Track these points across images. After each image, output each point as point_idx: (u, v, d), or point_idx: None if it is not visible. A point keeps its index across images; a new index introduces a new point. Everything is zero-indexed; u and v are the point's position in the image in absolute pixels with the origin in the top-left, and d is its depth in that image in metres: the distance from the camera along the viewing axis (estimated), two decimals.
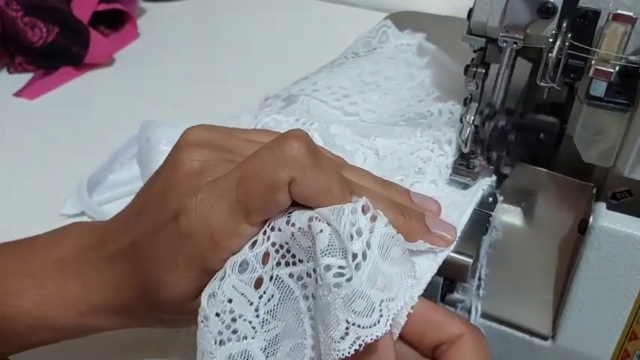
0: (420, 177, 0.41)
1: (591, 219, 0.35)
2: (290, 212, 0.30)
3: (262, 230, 0.30)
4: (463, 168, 0.40)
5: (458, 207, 0.38)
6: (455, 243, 0.34)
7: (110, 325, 0.35)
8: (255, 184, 0.28)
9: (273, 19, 0.94)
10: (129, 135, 0.59)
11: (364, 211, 0.28)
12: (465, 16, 0.39)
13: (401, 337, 0.30)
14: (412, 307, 0.29)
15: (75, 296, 0.34)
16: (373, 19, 0.63)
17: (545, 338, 0.38)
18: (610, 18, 0.33)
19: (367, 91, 0.52)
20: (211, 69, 0.81)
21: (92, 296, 0.34)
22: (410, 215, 0.32)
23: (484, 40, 0.39)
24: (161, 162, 0.34)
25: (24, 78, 0.77)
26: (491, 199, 0.40)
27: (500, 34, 0.37)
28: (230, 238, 0.29)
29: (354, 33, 0.63)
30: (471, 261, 0.35)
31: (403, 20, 0.60)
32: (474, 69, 0.40)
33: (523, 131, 0.43)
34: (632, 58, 0.34)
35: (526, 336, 0.38)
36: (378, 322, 0.26)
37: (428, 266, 0.33)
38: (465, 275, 0.35)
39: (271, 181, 0.28)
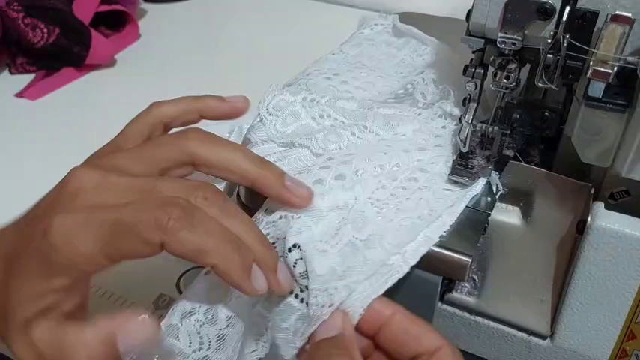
0: (441, 141, 0.43)
1: (589, 219, 0.35)
2: None
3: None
4: (462, 168, 0.40)
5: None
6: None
7: None
8: (127, 234, 0.29)
9: (274, 20, 0.95)
10: None
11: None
12: (463, 17, 0.40)
13: (380, 347, 0.32)
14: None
15: None
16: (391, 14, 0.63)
17: (543, 337, 0.38)
18: (608, 19, 0.33)
19: (354, 69, 0.53)
20: (212, 70, 0.81)
21: None
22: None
23: (483, 41, 0.39)
24: None
25: (26, 79, 0.78)
26: (489, 198, 0.40)
27: (499, 35, 0.37)
28: (87, 265, 0.30)
29: None
30: (470, 260, 0.35)
31: (403, 21, 0.60)
32: (473, 69, 0.40)
33: (528, 108, 0.42)
34: (630, 59, 0.34)
35: (524, 335, 0.38)
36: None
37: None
38: (463, 274, 0.36)
39: (144, 238, 0.29)
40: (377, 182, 0.38)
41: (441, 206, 0.37)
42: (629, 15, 0.33)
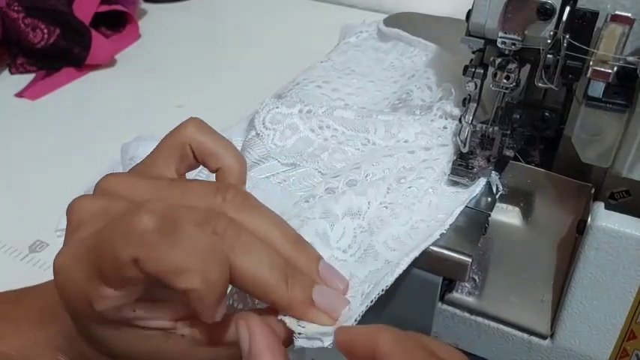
0: (444, 140, 0.43)
1: (589, 219, 0.35)
2: None
3: None
4: (462, 168, 0.40)
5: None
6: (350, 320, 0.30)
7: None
8: (104, 255, 0.25)
9: (274, 20, 0.95)
10: (131, 135, 0.59)
11: None
12: (463, 17, 0.40)
13: None
14: None
15: (57, 342, 0.32)
16: (373, 21, 0.63)
17: (543, 337, 0.38)
18: (608, 19, 0.33)
19: (344, 76, 0.53)
20: (212, 70, 0.81)
21: (73, 343, 0.32)
22: (295, 281, 0.29)
23: (483, 41, 0.39)
24: None
25: (26, 79, 0.78)
26: (489, 198, 0.40)
27: (499, 35, 0.37)
28: (98, 302, 0.27)
29: None
30: (470, 260, 0.35)
31: (402, 21, 0.60)
32: (473, 69, 0.40)
33: (528, 108, 0.42)
34: (630, 58, 0.34)
35: (525, 335, 0.38)
36: None
37: None
38: (463, 274, 0.36)
39: (115, 256, 0.25)
40: (387, 185, 0.38)
41: (450, 207, 0.38)
42: (629, 15, 0.33)
